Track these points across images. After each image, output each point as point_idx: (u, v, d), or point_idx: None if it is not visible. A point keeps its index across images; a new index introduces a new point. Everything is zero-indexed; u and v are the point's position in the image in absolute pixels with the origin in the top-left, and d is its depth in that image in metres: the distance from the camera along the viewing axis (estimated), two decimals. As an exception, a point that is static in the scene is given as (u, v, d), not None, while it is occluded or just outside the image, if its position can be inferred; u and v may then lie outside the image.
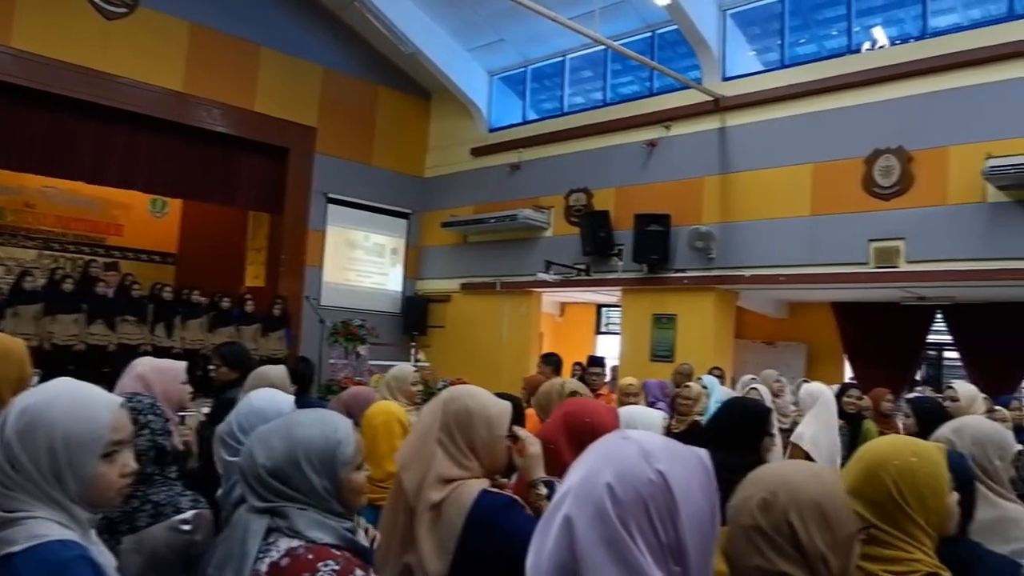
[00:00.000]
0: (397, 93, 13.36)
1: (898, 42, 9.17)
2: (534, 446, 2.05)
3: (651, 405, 6.58)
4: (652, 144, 10.33)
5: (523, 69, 12.78)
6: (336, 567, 1.49)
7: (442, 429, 1.93)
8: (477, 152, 12.80)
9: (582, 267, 10.63)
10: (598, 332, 13.06)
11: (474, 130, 12.94)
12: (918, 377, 9.91)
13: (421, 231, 13.47)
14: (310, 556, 1.52)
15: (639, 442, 1.12)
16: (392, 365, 4.52)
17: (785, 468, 1.45)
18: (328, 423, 1.68)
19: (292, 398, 2.58)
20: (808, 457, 4.71)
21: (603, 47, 10.48)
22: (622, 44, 9.70)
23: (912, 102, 8.24)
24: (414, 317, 12.86)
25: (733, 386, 7.97)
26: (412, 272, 13.46)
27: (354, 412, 3.28)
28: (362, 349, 10.47)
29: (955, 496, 1.76)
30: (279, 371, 3.38)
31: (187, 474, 2.49)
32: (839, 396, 5.76)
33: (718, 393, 6.39)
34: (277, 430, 1.65)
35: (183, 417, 3.03)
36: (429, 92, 13.64)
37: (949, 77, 8.04)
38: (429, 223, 13.20)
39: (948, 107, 7.96)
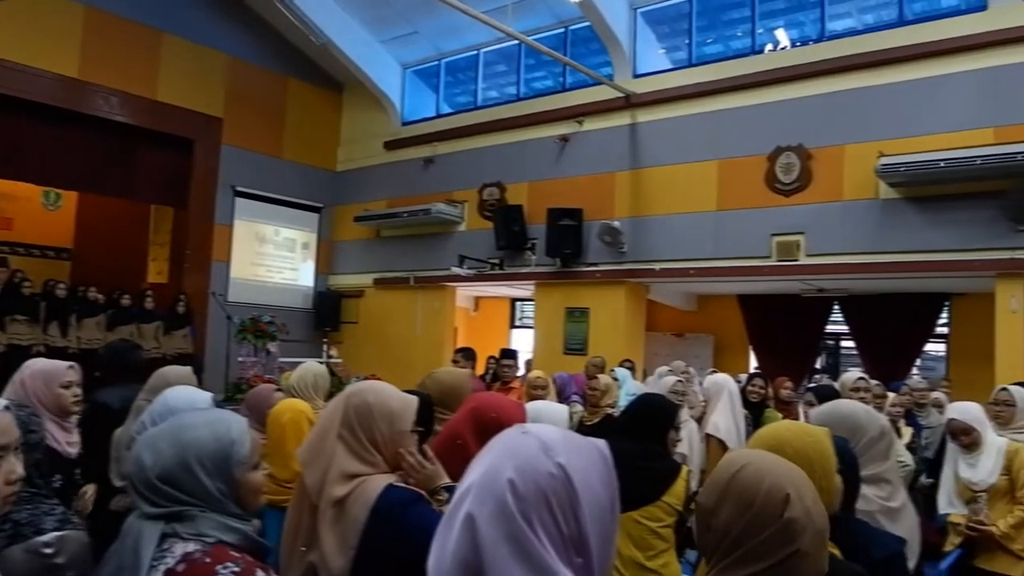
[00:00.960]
0: (308, 85, 13.07)
1: (799, 44, 9.53)
2: (427, 466, 2.01)
3: (566, 399, 6.67)
4: (565, 139, 10.43)
5: (437, 62, 12.69)
6: (236, 569, 1.44)
7: (343, 425, 1.90)
8: (390, 146, 12.65)
9: (496, 261, 10.66)
10: (512, 326, 13.12)
11: (387, 123, 12.78)
12: (818, 365, 10.33)
13: (333, 225, 13.23)
14: (207, 560, 1.46)
15: (538, 436, 1.12)
16: (304, 362, 4.42)
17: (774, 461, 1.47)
18: (220, 423, 1.61)
19: (209, 395, 2.48)
20: (724, 446, 4.86)
21: (517, 42, 10.51)
22: (535, 39, 9.76)
23: (811, 102, 8.58)
24: (326, 313, 12.63)
25: (644, 378, 8.17)
26: (324, 267, 13.21)
27: (257, 411, 3.20)
28: (272, 346, 10.19)
29: (838, 479, 1.86)
30: (181, 372, 3.25)
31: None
32: (745, 385, 5.99)
33: (629, 385, 6.51)
34: (165, 433, 1.57)
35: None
36: (341, 84, 13.39)
37: (845, 79, 8.40)
38: (341, 217, 12.97)
39: (844, 107, 8.32)
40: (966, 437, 4.06)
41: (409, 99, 12.95)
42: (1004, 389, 4.49)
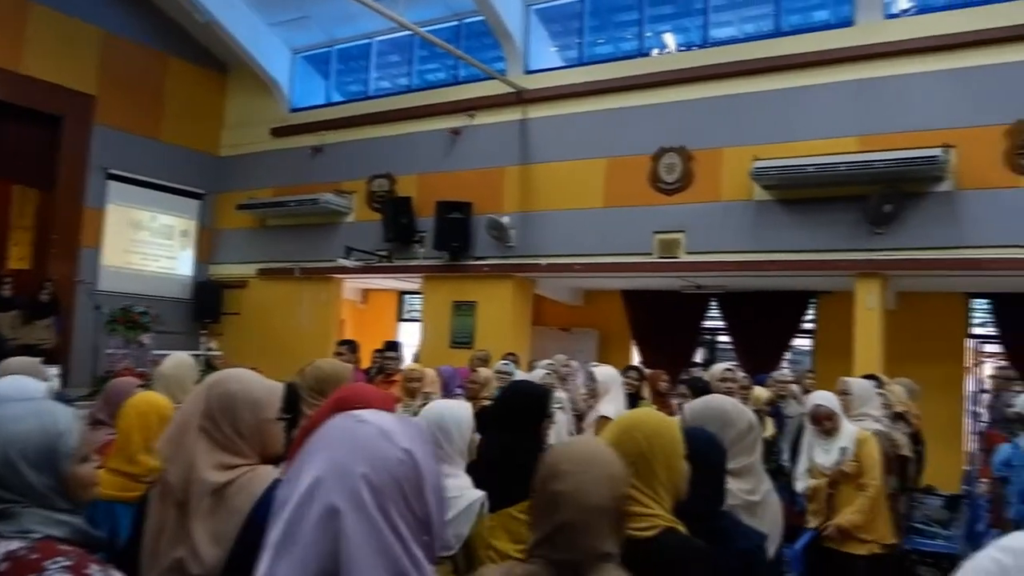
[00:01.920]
0: (191, 64, 12.51)
1: (684, 49, 9.85)
2: None
3: (451, 392, 6.67)
4: (456, 132, 10.41)
5: (328, 49, 12.41)
6: (67, 563, 1.37)
7: (205, 416, 1.82)
8: (277, 132, 12.28)
9: (384, 253, 10.52)
10: (400, 319, 13.00)
11: (275, 109, 12.40)
12: (698, 359, 10.72)
13: (215, 213, 12.73)
14: (34, 556, 1.37)
15: (377, 424, 1.13)
16: (180, 355, 4.21)
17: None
18: (46, 414, 1.52)
19: (45, 385, 2.34)
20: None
21: (410, 32, 10.39)
22: (429, 31, 9.68)
23: (693, 105, 8.88)
24: (206, 303, 12.14)
25: (530, 372, 8.26)
26: (205, 256, 12.69)
27: (112, 404, 3.04)
28: (145, 338, 9.73)
29: (686, 464, 1.93)
30: (26, 363, 3.05)
31: None
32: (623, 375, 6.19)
33: (515, 377, 6.57)
34: (-16, 428, 1.47)
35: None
36: (226, 66, 12.90)
37: (725, 84, 8.73)
38: (224, 205, 12.49)
39: (724, 111, 8.66)
40: (829, 422, 4.37)
41: (298, 85, 12.60)
42: (843, 380, 4.88)
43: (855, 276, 7.84)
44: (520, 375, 6.59)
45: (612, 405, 5.15)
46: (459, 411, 2.75)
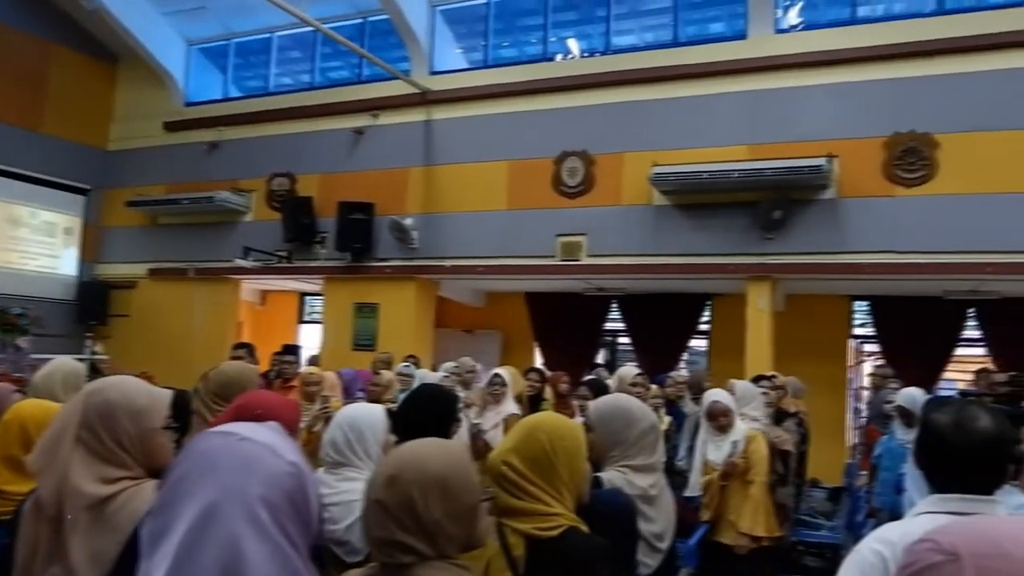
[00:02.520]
0: (76, 53, 11.86)
1: (587, 55, 10.02)
2: None
3: (352, 395, 6.57)
4: (359, 132, 10.25)
5: (226, 42, 12.00)
6: None
7: (82, 426, 1.71)
8: (171, 127, 11.79)
9: (284, 254, 10.26)
10: (301, 321, 12.69)
11: (168, 102, 11.90)
12: (600, 360, 10.91)
13: (102, 209, 12.09)
14: None
15: (260, 440, 1.11)
16: (54, 359, 3.96)
17: (416, 445, 1.50)
18: None
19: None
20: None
21: (312, 28, 10.17)
22: (332, 28, 9.48)
23: (595, 110, 9.04)
24: (92, 305, 11.51)
25: (433, 374, 8.22)
26: (90, 255, 12.04)
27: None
28: (22, 341, 9.15)
29: (588, 465, 1.98)
30: None
31: None
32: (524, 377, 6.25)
33: (418, 380, 6.53)
34: None
35: None
36: (116, 56, 12.30)
37: (626, 91, 8.93)
38: (112, 201, 11.89)
39: (624, 117, 8.85)
40: (724, 419, 4.56)
41: (194, 78, 12.13)
42: (731, 382, 5.11)
43: (747, 279, 8.16)
44: (422, 377, 6.57)
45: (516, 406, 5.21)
46: (373, 414, 2.72)
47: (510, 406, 5.59)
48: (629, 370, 5.50)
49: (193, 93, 12.04)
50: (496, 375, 5.82)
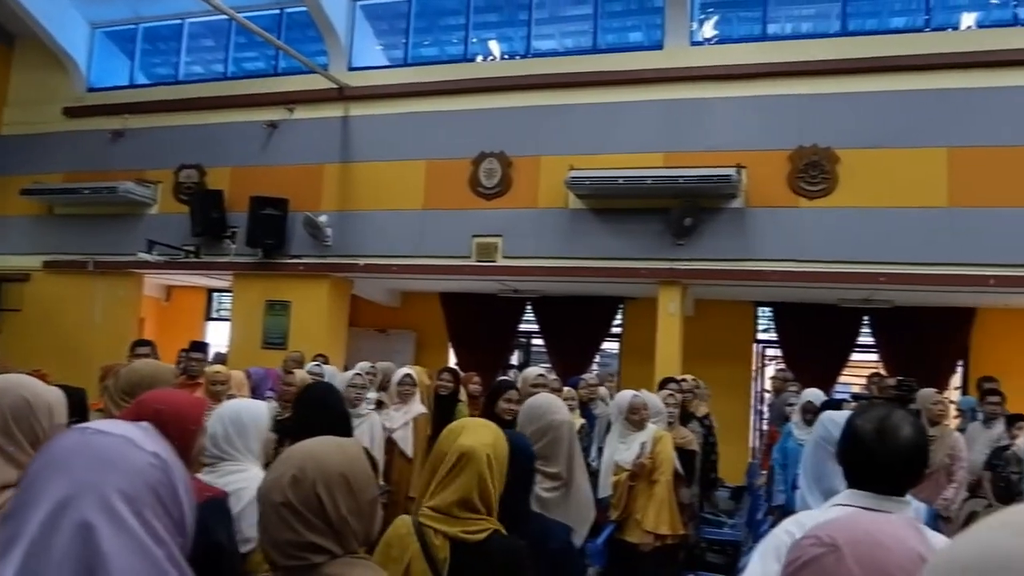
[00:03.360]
0: (-33, 31, 11.18)
1: (507, 57, 10.06)
2: None
3: (261, 395, 6.40)
4: (274, 125, 10.01)
5: (134, 26, 11.51)
6: None
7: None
8: (71, 113, 11.24)
9: (191, 249, 9.91)
10: (208, 318, 12.28)
11: (69, 87, 11.34)
12: (514, 361, 10.98)
13: (-7, 197, 11.43)
14: None
15: (119, 434, 1.08)
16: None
17: (313, 445, 1.49)
18: None
19: None
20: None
21: (226, 17, 9.86)
22: (248, 16, 9.20)
23: (514, 113, 9.08)
24: (-21, 298, 10.86)
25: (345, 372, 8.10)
26: (-22, 245, 11.36)
27: None
28: (-100, 335, 8.55)
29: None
30: None
31: None
32: (435, 380, 6.24)
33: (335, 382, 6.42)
34: None
35: None
36: (12, 36, 11.64)
37: (545, 95, 9.01)
38: (4, 189, 11.19)
39: (543, 121, 8.92)
40: (645, 412, 4.70)
41: (97, 63, 11.60)
42: (636, 396, 5.23)
43: (658, 283, 8.34)
44: (331, 377, 6.46)
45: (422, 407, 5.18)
46: (256, 409, 2.71)
47: (418, 406, 5.61)
48: (531, 370, 5.55)
49: (96, 78, 11.52)
50: (407, 375, 5.79)
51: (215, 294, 12.26)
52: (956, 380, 9.29)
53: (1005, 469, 4.69)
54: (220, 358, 8.60)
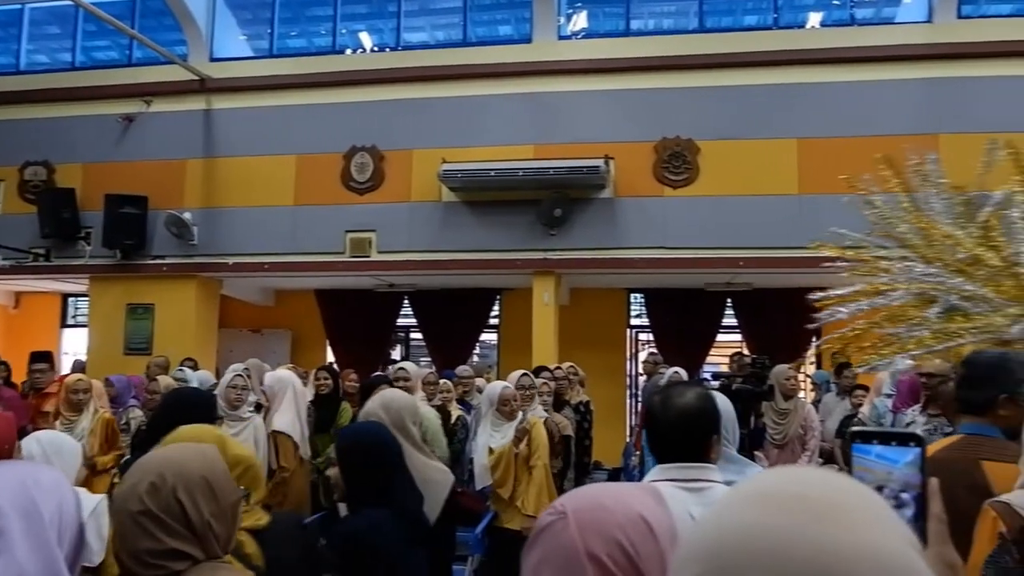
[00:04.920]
0: None
1: (377, 49, 9.93)
2: None
3: (124, 404, 6.08)
4: (130, 119, 9.47)
5: (-35, 12, 10.64)
6: None
7: None
8: None
9: (40, 252, 9.25)
10: (64, 324, 11.52)
11: None
12: (396, 356, 10.89)
13: None
14: None
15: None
16: None
17: (170, 451, 1.48)
18: None
19: None
20: (292, 441, 4.87)
21: (73, 2, 9.24)
22: (96, 3, 8.66)
23: (385, 106, 8.98)
24: None
25: (218, 377, 7.79)
26: None
27: None
28: None
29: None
30: None
31: None
32: (312, 379, 6.11)
33: (195, 384, 6.19)
34: None
35: None
36: None
37: (416, 87, 8.95)
38: None
39: (414, 114, 8.87)
40: (515, 402, 4.79)
41: (-74, 51, 10.65)
42: (525, 375, 5.32)
43: (532, 274, 8.49)
44: (202, 381, 6.23)
45: (285, 416, 4.94)
46: (71, 441, 2.74)
47: (277, 418, 5.31)
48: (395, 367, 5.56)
49: (-76, 67, 10.57)
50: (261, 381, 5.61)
51: (71, 299, 11.51)
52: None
53: (852, 436, 5.08)
54: (79, 366, 8.10)
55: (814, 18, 9.22)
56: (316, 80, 9.20)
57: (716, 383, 6.90)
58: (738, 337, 10.07)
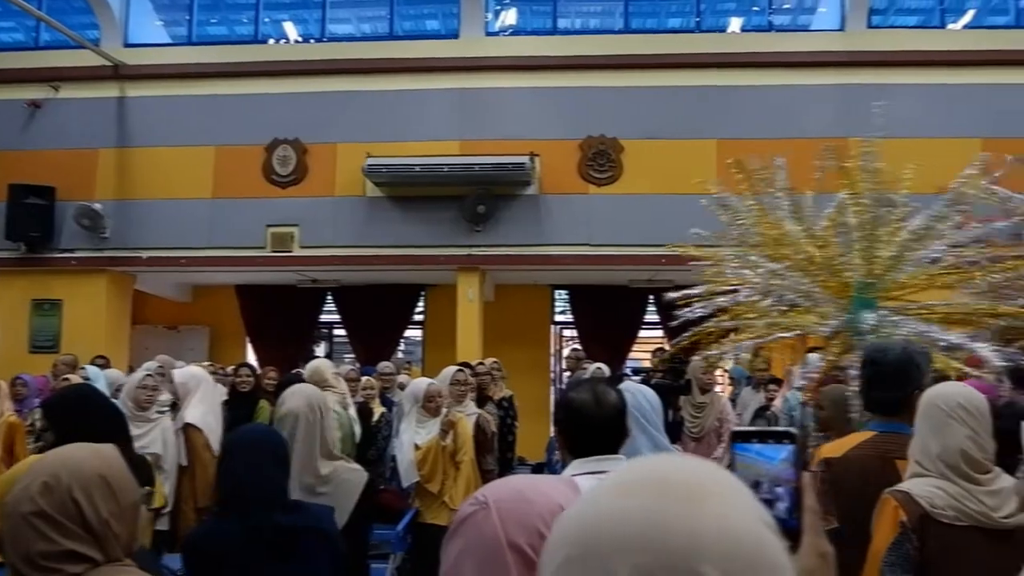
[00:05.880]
0: None
1: (301, 40, 9.74)
2: None
3: (31, 405, 5.81)
4: (36, 105, 9.04)
5: None
6: None
7: None
8: None
9: (-64, 243, 8.77)
10: (-36, 322, 10.94)
11: None
12: (319, 353, 10.69)
13: None
14: None
15: None
16: None
17: (65, 451, 1.44)
18: None
19: None
20: (203, 435, 4.75)
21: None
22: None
23: (309, 98, 8.83)
24: None
25: (131, 373, 7.51)
26: None
27: None
28: None
29: None
30: None
31: None
32: (233, 376, 6.00)
33: (103, 383, 5.96)
34: None
35: None
36: None
37: (341, 80, 8.85)
38: None
39: (339, 107, 8.75)
40: (440, 398, 4.78)
41: None
42: (461, 370, 5.32)
43: (457, 270, 8.49)
44: (110, 380, 6.00)
45: (198, 410, 4.83)
46: None
47: (190, 411, 5.20)
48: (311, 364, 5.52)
49: None
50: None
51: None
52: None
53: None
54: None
55: (735, 23, 9.49)
56: (237, 70, 8.99)
57: (637, 378, 7.04)
58: (660, 333, 10.26)
